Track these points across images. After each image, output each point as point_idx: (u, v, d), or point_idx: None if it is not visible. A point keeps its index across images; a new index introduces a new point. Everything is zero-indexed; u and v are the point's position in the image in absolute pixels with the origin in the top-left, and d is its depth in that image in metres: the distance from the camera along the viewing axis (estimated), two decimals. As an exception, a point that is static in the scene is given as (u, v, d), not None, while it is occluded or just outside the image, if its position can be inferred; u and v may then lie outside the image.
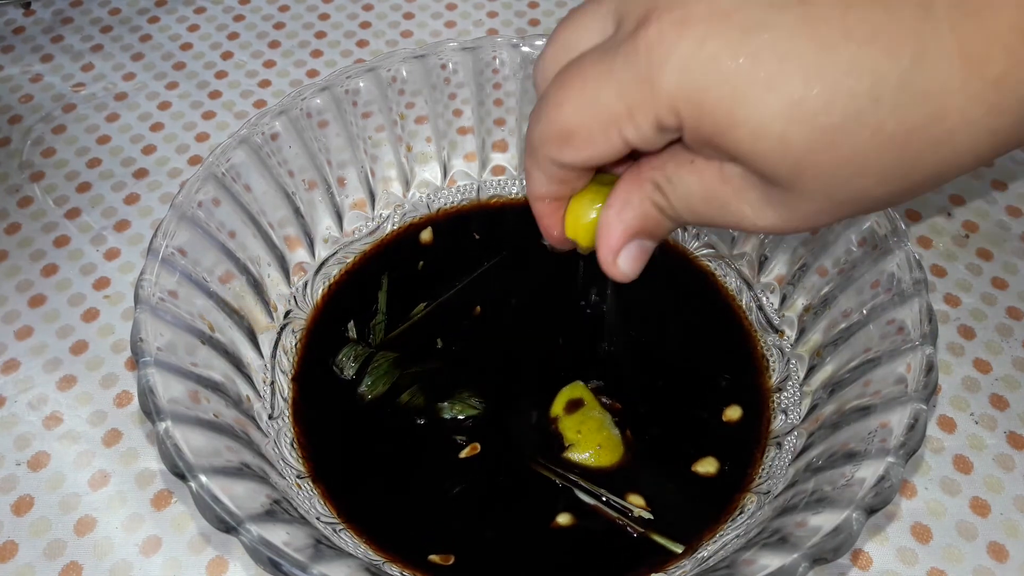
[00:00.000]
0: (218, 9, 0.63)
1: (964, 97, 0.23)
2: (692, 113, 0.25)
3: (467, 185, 0.49)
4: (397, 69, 0.45)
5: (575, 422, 0.38)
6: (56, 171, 0.53)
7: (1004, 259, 0.48)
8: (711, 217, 0.29)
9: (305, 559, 0.29)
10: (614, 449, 0.38)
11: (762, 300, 0.43)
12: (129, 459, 0.40)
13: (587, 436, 0.37)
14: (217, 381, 0.36)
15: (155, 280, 0.36)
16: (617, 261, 0.30)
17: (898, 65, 0.23)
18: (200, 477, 0.30)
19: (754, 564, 0.30)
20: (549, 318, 0.43)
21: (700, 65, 0.24)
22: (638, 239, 0.30)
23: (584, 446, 0.37)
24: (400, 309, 0.43)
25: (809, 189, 0.25)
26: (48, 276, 0.48)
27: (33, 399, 0.43)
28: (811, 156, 0.24)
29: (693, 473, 0.38)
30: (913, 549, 0.37)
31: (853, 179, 0.25)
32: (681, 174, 0.28)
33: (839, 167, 0.24)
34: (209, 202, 0.40)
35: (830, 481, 0.32)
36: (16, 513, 0.39)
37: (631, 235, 0.30)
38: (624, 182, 0.30)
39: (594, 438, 0.37)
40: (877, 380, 0.34)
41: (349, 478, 0.38)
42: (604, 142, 0.28)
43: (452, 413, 0.39)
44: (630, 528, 0.36)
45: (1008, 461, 0.40)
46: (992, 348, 0.44)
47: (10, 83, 0.58)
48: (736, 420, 0.39)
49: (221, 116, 0.56)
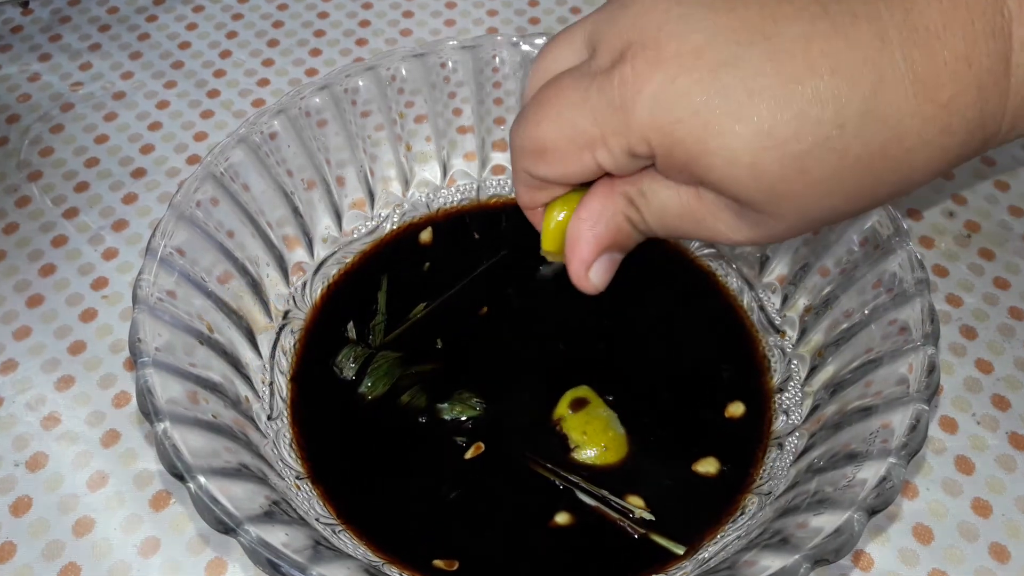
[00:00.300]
0: (217, 8, 0.63)
1: (920, 120, 0.25)
2: (664, 142, 0.26)
3: (467, 185, 0.49)
4: (396, 68, 0.45)
5: (580, 422, 0.38)
6: (54, 170, 0.53)
7: (1006, 259, 0.48)
8: (684, 231, 0.30)
9: (304, 560, 0.29)
10: (619, 448, 0.38)
11: (763, 300, 0.43)
12: (127, 460, 0.40)
13: (592, 436, 0.37)
14: (216, 382, 0.36)
15: (153, 280, 0.36)
16: (588, 275, 0.31)
17: (859, 93, 0.25)
18: (199, 478, 0.30)
19: (755, 565, 0.29)
20: (549, 318, 0.43)
21: (672, 99, 0.26)
22: (608, 252, 0.31)
23: (590, 446, 0.37)
24: (400, 309, 0.43)
25: (781, 211, 0.27)
26: (46, 276, 0.48)
27: (31, 399, 0.43)
28: (783, 183, 0.26)
29: (694, 473, 0.37)
30: (915, 550, 0.37)
31: (823, 200, 0.26)
32: (656, 188, 0.29)
33: (809, 189, 0.26)
34: (207, 202, 0.39)
35: (831, 482, 0.32)
36: (14, 514, 0.39)
37: (602, 249, 0.31)
38: (596, 193, 0.30)
39: (600, 438, 0.37)
40: (879, 380, 0.34)
41: (348, 479, 0.38)
42: (577, 163, 0.29)
43: (452, 414, 0.39)
44: (631, 529, 0.35)
45: (1010, 462, 0.40)
46: (994, 348, 0.44)
47: (8, 82, 0.58)
48: (739, 416, 0.39)
49: (220, 115, 0.56)
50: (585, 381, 0.39)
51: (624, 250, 0.32)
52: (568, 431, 0.38)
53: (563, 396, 0.39)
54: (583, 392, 0.39)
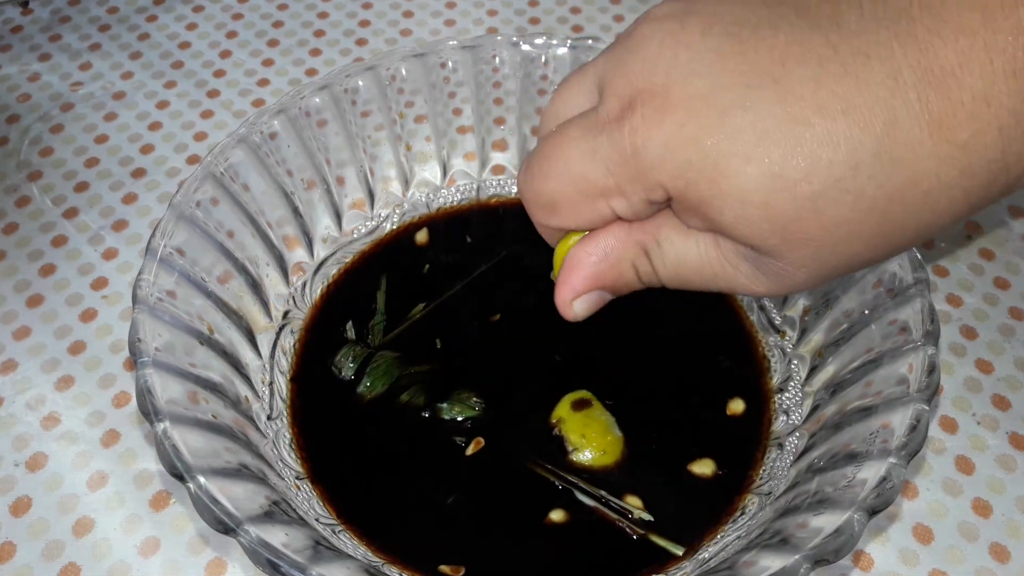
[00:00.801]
0: (217, 8, 0.63)
1: (936, 161, 0.24)
2: (677, 186, 0.26)
3: (467, 184, 0.49)
4: (396, 68, 0.45)
5: (579, 424, 0.38)
6: (54, 170, 0.53)
7: (1006, 259, 0.48)
8: (701, 284, 0.30)
9: (304, 560, 0.29)
10: (616, 452, 0.37)
11: (763, 300, 0.43)
12: (127, 460, 0.40)
13: (591, 439, 0.37)
14: (215, 382, 0.36)
15: (153, 280, 0.36)
16: (574, 303, 0.31)
17: (871, 134, 0.24)
18: (199, 478, 0.30)
19: (755, 565, 0.29)
20: (549, 319, 0.43)
21: (681, 144, 0.26)
22: (601, 291, 0.31)
23: (588, 448, 0.37)
24: (399, 309, 0.43)
25: (799, 257, 0.26)
26: (46, 276, 0.48)
27: (31, 399, 0.43)
28: (797, 224, 0.25)
29: (694, 474, 0.37)
30: (915, 550, 0.37)
31: (841, 245, 0.26)
32: (674, 238, 0.29)
33: (826, 233, 0.25)
34: (207, 201, 0.39)
35: (832, 482, 0.32)
36: (14, 514, 0.39)
37: (597, 286, 0.31)
38: (611, 232, 0.30)
39: (598, 441, 0.37)
40: (879, 381, 0.34)
41: (348, 479, 0.38)
42: (590, 212, 0.29)
43: (451, 414, 0.39)
44: (630, 530, 0.35)
45: (1010, 462, 0.40)
46: (994, 348, 0.44)
47: (8, 82, 0.58)
48: (739, 414, 0.39)
49: (219, 115, 0.56)
50: (584, 382, 0.39)
51: (616, 294, 0.32)
52: (567, 433, 0.38)
53: (563, 398, 0.39)
54: (584, 395, 0.39)
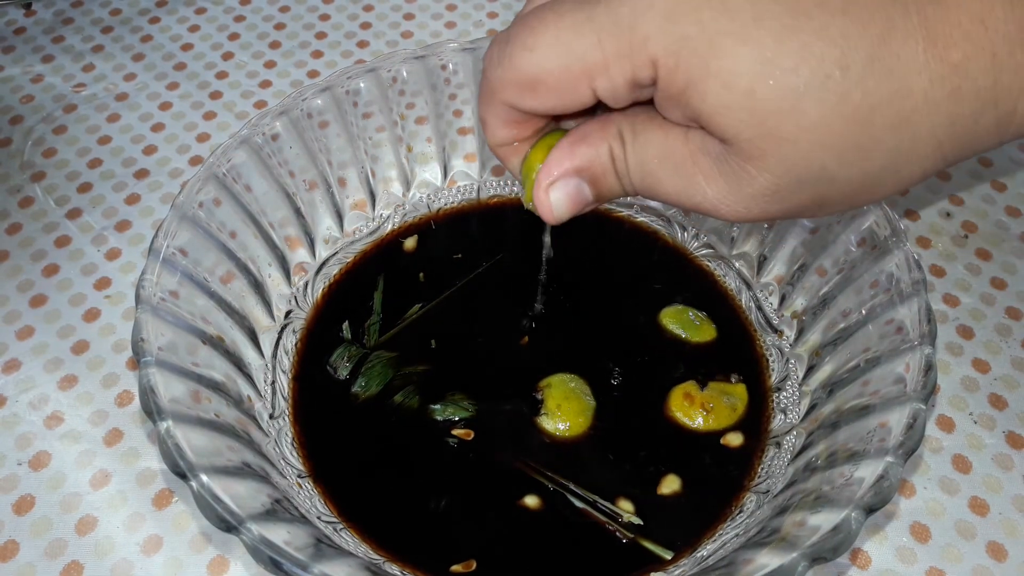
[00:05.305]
0: (219, 10, 0.63)
1: (927, 78, 0.24)
2: (668, 63, 0.25)
3: (467, 185, 0.49)
4: (397, 70, 0.45)
5: (559, 395, 0.39)
6: (57, 171, 0.53)
7: (1003, 259, 0.48)
8: (659, 178, 0.28)
9: (306, 558, 0.29)
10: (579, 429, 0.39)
11: (761, 300, 0.43)
12: (130, 459, 0.41)
13: (565, 412, 0.39)
14: (218, 381, 0.36)
15: (156, 280, 0.36)
16: (550, 190, 0.30)
17: (867, 38, 0.24)
18: (201, 476, 0.30)
19: (753, 563, 0.30)
20: (547, 319, 0.43)
21: (682, 14, 0.25)
22: (579, 178, 0.30)
23: (556, 419, 0.39)
24: (397, 310, 0.43)
25: (768, 158, 0.26)
26: (49, 276, 0.48)
27: (34, 399, 0.43)
28: (776, 118, 0.25)
29: (693, 473, 0.38)
30: (912, 548, 0.38)
31: (813, 151, 0.25)
32: (648, 126, 0.28)
33: (801, 133, 0.25)
34: (210, 202, 0.40)
35: (829, 480, 0.32)
36: (17, 513, 0.39)
37: (574, 167, 0.29)
38: (592, 121, 0.29)
39: (570, 417, 0.39)
40: (876, 380, 0.34)
41: (349, 478, 0.38)
42: (571, 92, 0.27)
43: (444, 415, 0.39)
44: (619, 534, 0.36)
45: (1007, 461, 0.40)
46: (991, 348, 0.44)
47: (11, 83, 0.58)
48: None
49: (222, 116, 0.56)
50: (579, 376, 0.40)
51: (594, 186, 0.30)
52: (545, 398, 0.39)
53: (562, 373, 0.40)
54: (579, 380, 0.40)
